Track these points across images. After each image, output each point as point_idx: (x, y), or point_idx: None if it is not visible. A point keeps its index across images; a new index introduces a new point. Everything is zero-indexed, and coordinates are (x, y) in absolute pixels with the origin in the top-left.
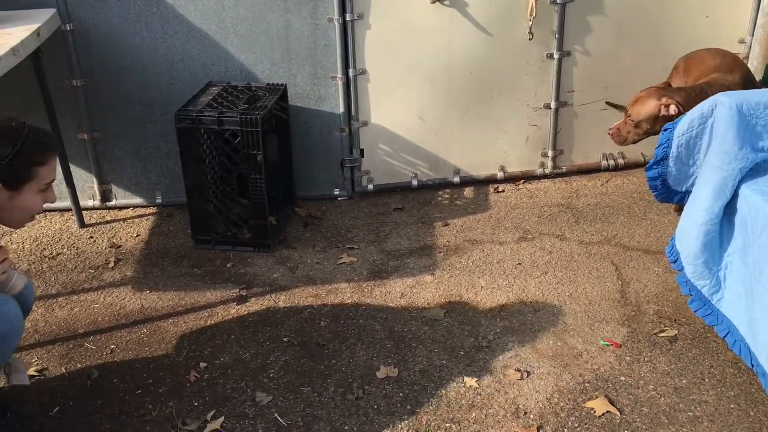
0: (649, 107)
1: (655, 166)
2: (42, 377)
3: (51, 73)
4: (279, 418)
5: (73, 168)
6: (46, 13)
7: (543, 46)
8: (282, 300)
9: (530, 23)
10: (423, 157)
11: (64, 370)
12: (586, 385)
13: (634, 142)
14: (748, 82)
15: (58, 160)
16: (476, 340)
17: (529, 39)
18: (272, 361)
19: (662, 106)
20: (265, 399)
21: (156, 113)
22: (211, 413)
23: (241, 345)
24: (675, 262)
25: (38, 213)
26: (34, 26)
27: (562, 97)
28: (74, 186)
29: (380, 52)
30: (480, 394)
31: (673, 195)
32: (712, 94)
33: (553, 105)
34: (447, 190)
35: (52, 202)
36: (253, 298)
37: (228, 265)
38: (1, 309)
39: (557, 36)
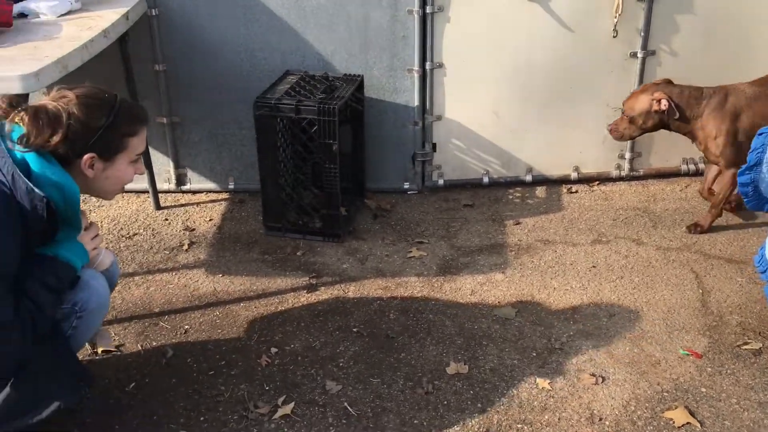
0: (641, 103)
1: (747, 172)
2: (119, 353)
3: (135, 57)
4: (348, 407)
5: (151, 151)
6: None
7: (627, 45)
8: (351, 291)
9: (615, 20)
10: (496, 154)
11: (140, 347)
12: (665, 394)
13: (631, 138)
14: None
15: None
16: (549, 341)
17: (613, 36)
18: (342, 350)
19: (654, 101)
20: (334, 388)
21: (234, 99)
22: (282, 398)
23: (311, 333)
24: (764, 272)
25: (129, 183)
26: (124, 10)
27: None
28: (152, 169)
29: (459, 45)
30: (553, 397)
31: (764, 203)
32: (711, 96)
33: None
34: (518, 189)
35: (142, 173)
36: (322, 287)
37: (298, 253)
38: (91, 284)
39: (642, 34)
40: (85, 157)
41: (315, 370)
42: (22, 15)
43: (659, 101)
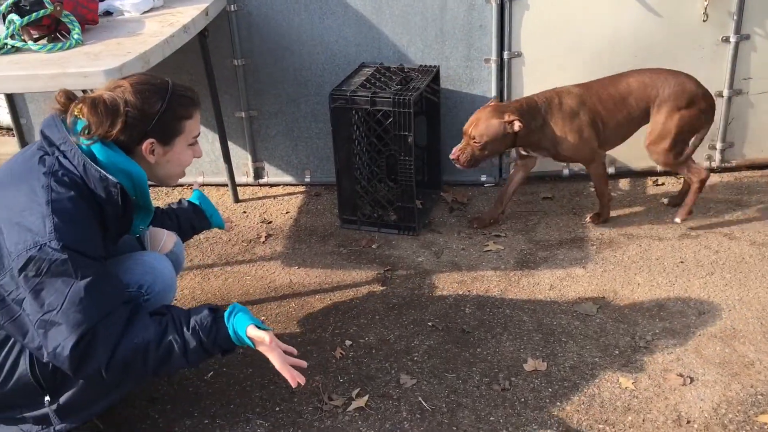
0: (494, 127)
1: None
2: None
3: (215, 52)
4: (423, 402)
5: (230, 145)
6: None
7: (718, 29)
8: (426, 284)
9: (706, 4)
10: None
11: None
12: (759, 397)
13: (477, 164)
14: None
15: None
16: (633, 339)
17: (704, 21)
18: (416, 344)
19: (506, 124)
20: (409, 382)
21: (310, 93)
22: (356, 391)
23: (386, 326)
24: None
25: (188, 166)
26: (204, 6)
27: (737, 84)
28: (231, 162)
29: (538, 34)
30: (637, 397)
31: None
32: (546, 102)
33: (726, 93)
34: None
35: (200, 156)
36: (397, 280)
37: (373, 246)
38: (156, 268)
39: (735, 18)
40: (145, 143)
41: (389, 363)
42: (108, 13)
43: (511, 123)
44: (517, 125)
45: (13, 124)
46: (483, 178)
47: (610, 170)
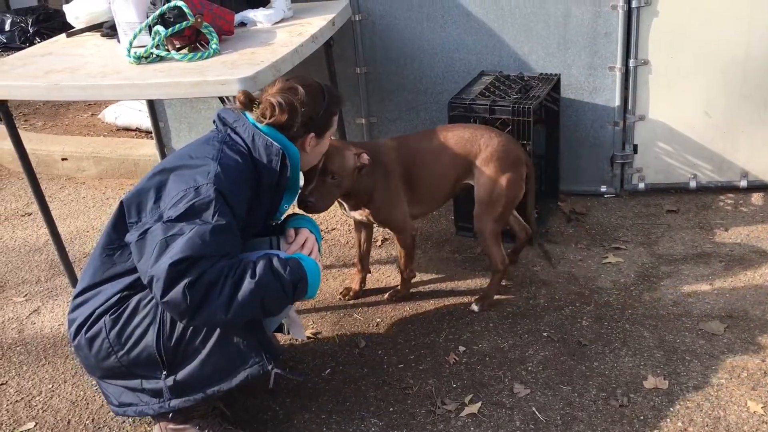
0: (349, 161)
1: None
2: (316, 340)
3: (339, 60)
4: (537, 412)
5: None
6: (340, 5)
7: None
8: (542, 294)
9: None
10: (705, 157)
11: (335, 336)
12: None
13: (330, 205)
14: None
15: None
16: (763, 362)
17: None
18: (531, 354)
19: (355, 156)
20: (522, 391)
21: (429, 101)
22: (469, 397)
23: (500, 334)
24: None
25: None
26: (330, 16)
27: None
28: None
29: (666, 41)
30: (766, 423)
31: None
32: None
33: None
34: (731, 195)
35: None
36: (512, 289)
37: None
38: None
39: None
40: (308, 137)
41: (503, 371)
42: (242, 24)
43: (359, 155)
44: (365, 157)
45: (153, 127)
46: (603, 188)
47: (741, 184)
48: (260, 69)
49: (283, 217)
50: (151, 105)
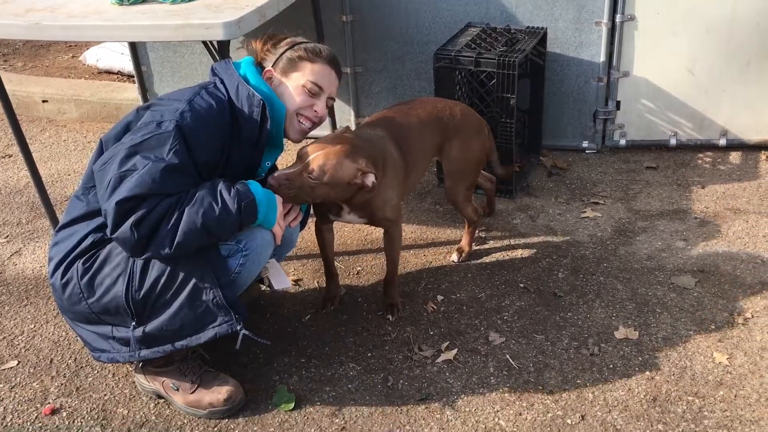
0: (346, 171)
1: None
2: (298, 287)
3: (325, 7)
4: (510, 360)
5: None
6: None
7: None
8: (520, 246)
9: None
10: (686, 115)
11: (316, 284)
12: None
13: (296, 202)
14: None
15: (335, 83)
16: (731, 315)
17: None
18: (507, 304)
19: (358, 172)
20: (498, 339)
21: (414, 51)
22: (446, 344)
23: (478, 284)
24: None
25: (308, 118)
26: None
27: None
28: (335, 117)
29: None
30: (730, 373)
31: None
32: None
33: None
34: (709, 153)
35: (321, 115)
36: (491, 241)
37: None
38: (255, 228)
39: None
40: (266, 70)
41: (479, 320)
42: None
43: (365, 175)
44: (370, 180)
45: (135, 71)
46: (584, 144)
47: (720, 142)
48: (245, 14)
49: (265, 174)
50: (134, 48)
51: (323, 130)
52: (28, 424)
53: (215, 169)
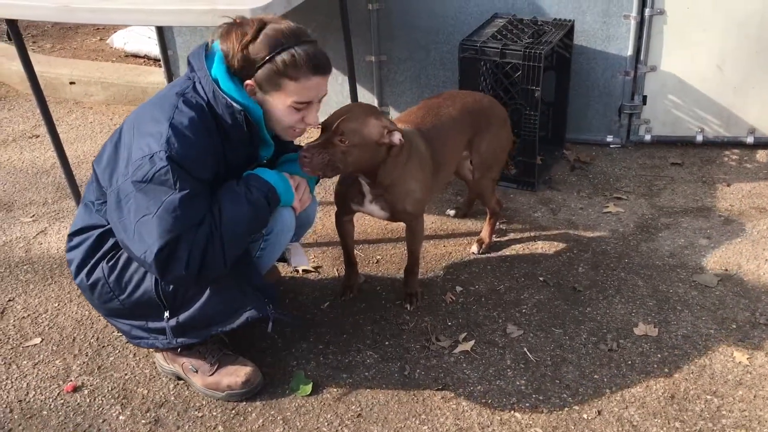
0: (374, 129)
1: None
2: (317, 274)
3: None
4: (528, 353)
5: (357, 88)
6: None
7: None
8: (541, 240)
9: None
10: (714, 112)
11: (336, 272)
12: None
13: (328, 175)
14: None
15: (323, 86)
16: (753, 315)
17: None
18: (526, 297)
19: (384, 130)
20: (515, 332)
21: (440, 41)
22: (463, 335)
23: (497, 276)
24: None
25: (297, 129)
26: None
27: None
28: None
29: None
30: (750, 373)
31: None
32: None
33: None
34: (736, 151)
35: (312, 124)
36: (512, 233)
37: None
38: (277, 210)
39: None
40: (246, 82)
41: (497, 312)
42: None
43: (391, 133)
44: (397, 138)
45: (161, 55)
46: (609, 138)
47: (748, 140)
48: (272, 0)
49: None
50: (161, 32)
51: None
52: (50, 400)
53: (218, 175)
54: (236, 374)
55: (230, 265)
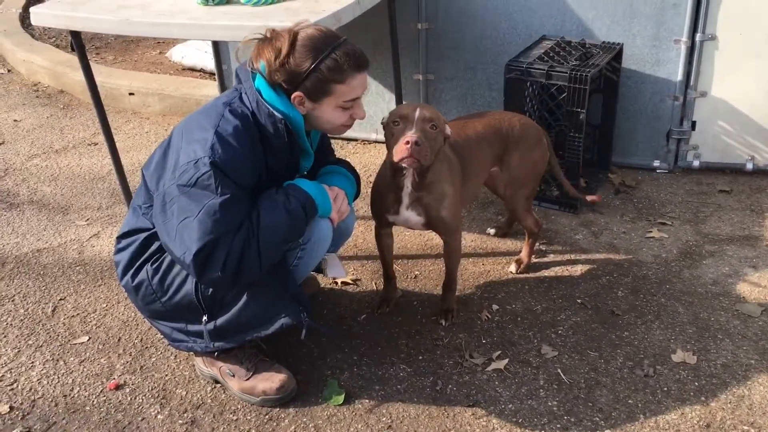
0: (442, 117)
1: None
2: (356, 287)
3: (401, 14)
4: (562, 374)
5: None
6: None
7: None
8: (580, 262)
9: None
10: (765, 139)
11: (374, 286)
12: None
13: (430, 159)
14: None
15: (366, 80)
16: None
17: None
18: (562, 318)
19: (443, 122)
20: (550, 353)
21: (487, 61)
22: (497, 353)
23: (534, 297)
24: None
25: (347, 124)
26: None
27: None
28: None
29: (737, 16)
30: None
31: None
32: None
33: None
34: None
35: (362, 118)
36: (551, 255)
37: None
38: (314, 220)
39: None
40: (295, 95)
41: (533, 332)
42: None
43: (444, 123)
44: (449, 129)
45: (216, 69)
46: (656, 163)
47: None
48: (321, 18)
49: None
50: (216, 47)
51: None
52: (94, 396)
53: (260, 183)
54: (271, 380)
55: (266, 270)
